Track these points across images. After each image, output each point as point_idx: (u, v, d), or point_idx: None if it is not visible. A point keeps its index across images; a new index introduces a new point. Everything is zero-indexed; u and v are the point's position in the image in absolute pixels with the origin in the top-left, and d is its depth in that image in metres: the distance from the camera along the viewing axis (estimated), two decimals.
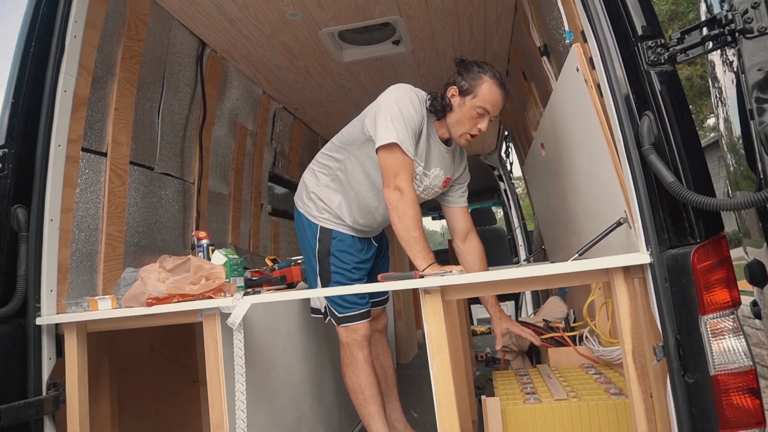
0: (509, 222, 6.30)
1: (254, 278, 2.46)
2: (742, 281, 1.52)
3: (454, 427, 1.61)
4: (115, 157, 2.35)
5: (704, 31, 1.39)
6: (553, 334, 2.69)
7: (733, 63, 1.43)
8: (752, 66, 1.31)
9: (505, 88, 2.17)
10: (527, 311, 5.43)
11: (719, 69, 1.68)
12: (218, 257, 2.17)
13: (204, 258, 2.26)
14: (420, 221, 2.07)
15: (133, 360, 2.39)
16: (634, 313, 1.54)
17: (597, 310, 2.42)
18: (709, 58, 1.76)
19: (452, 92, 2.18)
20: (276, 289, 2.42)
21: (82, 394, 1.86)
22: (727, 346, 1.32)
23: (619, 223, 1.68)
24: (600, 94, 1.65)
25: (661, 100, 1.45)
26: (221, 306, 1.77)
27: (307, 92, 3.84)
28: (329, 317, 2.35)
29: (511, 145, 5.57)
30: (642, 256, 1.47)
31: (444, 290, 1.69)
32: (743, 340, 1.33)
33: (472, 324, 5.40)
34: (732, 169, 1.72)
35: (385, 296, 2.65)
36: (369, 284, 2.15)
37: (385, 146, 2.08)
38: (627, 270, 1.54)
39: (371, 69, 3.56)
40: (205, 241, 2.33)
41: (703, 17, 1.48)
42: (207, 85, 3.02)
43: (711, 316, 1.33)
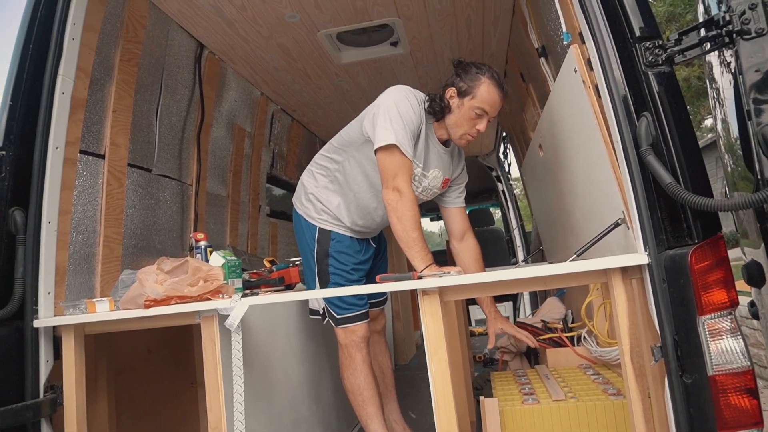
0: (507, 223, 6.31)
1: (252, 280, 2.45)
2: (739, 282, 1.52)
3: (453, 427, 1.60)
4: (113, 159, 2.34)
5: (702, 33, 1.40)
6: (551, 335, 2.69)
7: (731, 64, 1.44)
8: (750, 67, 1.31)
9: (504, 89, 2.18)
10: (525, 312, 5.43)
11: (717, 70, 1.69)
12: (216, 259, 2.17)
13: (202, 260, 2.25)
14: (419, 222, 2.07)
15: (131, 362, 2.38)
16: (632, 314, 1.54)
17: (595, 311, 2.43)
18: (706, 59, 1.77)
19: (451, 93, 2.18)
20: (274, 291, 2.42)
21: (79, 396, 1.85)
22: (724, 346, 1.32)
23: (617, 224, 1.69)
24: (598, 95, 1.65)
25: (658, 101, 1.46)
26: (219, 308, 1.77)
27: (305, 94, 3.84)
28: (327, 318, 2.35)
29: (509, 146, 5.58)
30: (640, 256, 1.47)
31: (442, 291, 1.69)
32: (741, 341, 1.33)
33: (470, 325, 5.40)
34: (729, 169, 1.73)
35: (383, 297, 2.65)
36: (367, 285, 2.15)
37: (384, 147, 2.08)
38: (625, 270, 1.54)
39: (369, 70, 3.56)
40: (203, 243, 2.32)
41: (700, 18, 1.49)
42: (205, 87, 3.02)
43: (709, 316, 1.33)
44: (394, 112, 2.10)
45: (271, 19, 2.76)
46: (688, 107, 1.54)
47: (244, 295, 1.89)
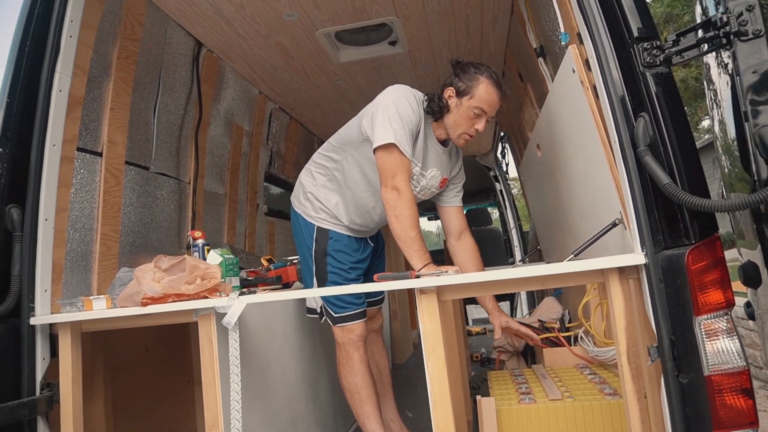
0: (505, 223, 6.32)
1: (250, 278, 2.45)
2: (736, 282, 1.53)
3: (449, 427, 1.61)
4: (111, 157, 2.34)
5: (699, 34, 1.40)
6: (548, 335, 2.69)
7: (728, 65, 1.44)
8: (747, 68, 1.32)
9: (502, 88, 2.18)
10: (522, 312, 5.44)
11: (714, 71, 1.69)
12: (214, 257, 2.17)
13: (199, 258, 2.25)
14: (417, 221, 2.08)
15: (128, 360, 2.38)
16: (629, 314, 1.55)
17: (592, 311, 2.43)
18: (704, 60, 1.77)
19: (449, 93, 2.19)
20: (272, 289, 2.41)
21: (76, 394, 1.85)
22: (720, 346, 1.33)
23: (614, 224, 1.69)
24: (596, 95, 1.66)
25: (656, 102, 1.46)
26: (217, 306, 1.77)
27: (304, 92, 3.84)
28: (325, 317, 2.35)
29: (507, 145, 5.58)
30: (637, 256, 1.47)
31: (440, 290, 1.69)
32: (737, 341, 1.33)
33: (468, 324, 5.41)
34: (726, 170, 1.73)
35: (380, 296, 2.65)
36: (365, 284, 2.15)
37: (383, 146, 2.08)
38: (622, 270, 1.55)
39: (368, 69, 3.56)
40: (200, 241, 2.32)
41: (698, 20, 1.49)
42: (203, 85, 3.02)
43: (705, 316, 1.34)
44: (393, 112, 2.10)
45: (269, 18, 2.75)
46: (685, 108, 1.54)
47: (242, 294, 1.89)
